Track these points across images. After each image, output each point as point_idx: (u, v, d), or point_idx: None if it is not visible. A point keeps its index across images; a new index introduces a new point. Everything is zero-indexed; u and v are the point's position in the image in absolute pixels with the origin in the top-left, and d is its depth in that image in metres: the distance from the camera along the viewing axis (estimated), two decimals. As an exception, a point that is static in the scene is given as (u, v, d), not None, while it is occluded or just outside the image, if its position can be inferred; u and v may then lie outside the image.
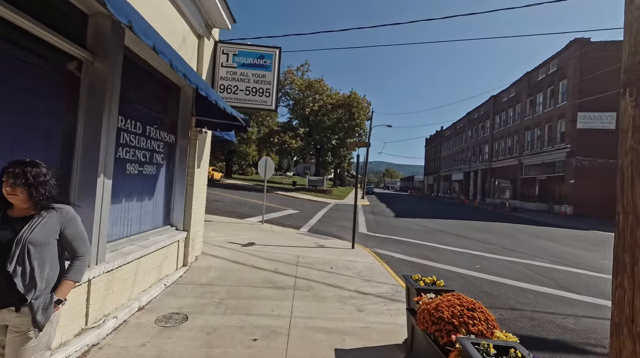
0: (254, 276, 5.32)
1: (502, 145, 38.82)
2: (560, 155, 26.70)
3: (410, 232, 12.78)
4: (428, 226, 15.10)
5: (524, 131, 33.54)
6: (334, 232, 11.47)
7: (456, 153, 56.96)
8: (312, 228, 11.91)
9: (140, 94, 4.36)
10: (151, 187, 4.76)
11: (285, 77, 31.39)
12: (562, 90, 27.76)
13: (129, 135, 4.06)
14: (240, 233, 8.94)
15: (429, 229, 13.99)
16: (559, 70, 28.14)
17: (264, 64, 6.10)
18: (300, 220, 13.88)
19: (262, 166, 11.54)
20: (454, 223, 16.85)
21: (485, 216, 22.99)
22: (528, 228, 16.80)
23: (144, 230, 4.57)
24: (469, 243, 10.94)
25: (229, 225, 10.27)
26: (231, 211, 14.27)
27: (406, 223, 15.94)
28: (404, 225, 14.89)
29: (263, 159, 11.60)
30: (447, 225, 15.83)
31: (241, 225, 10.78)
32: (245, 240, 8.02)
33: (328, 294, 4.78)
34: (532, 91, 32.46)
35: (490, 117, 42.54)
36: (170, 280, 4.74)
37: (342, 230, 12.27)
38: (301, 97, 30.94)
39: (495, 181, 40.36)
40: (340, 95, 33.33)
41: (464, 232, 13.57)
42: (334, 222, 14.18)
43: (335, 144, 33.17)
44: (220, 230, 9.21)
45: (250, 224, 11.14)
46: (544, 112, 30.11)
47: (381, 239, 10.80)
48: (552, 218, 23.54)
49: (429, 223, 16.19)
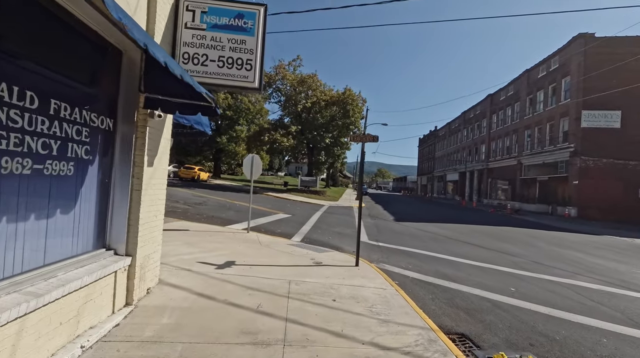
0: (226, 321, 3.73)
1: (500, 145, 37.83)
2: (564, 155, 25.65)
3: (417, 240, 11.32)
4: (434, 232, 13.67)
5: (523, 130, 32.53)
6: (332, 242, 9.94)
7: (451, 153, 56.03)
8: (306, 237, 10.35)
9: (46, 52, 2.75)
10: (67, 193, 3.14)
11: (276, 72, 29.76)
12: (564, 87, 26.74)
13: (11, 111, 2.44)
14: (219, 247, 7.32)
15: (436, 236, 12.55)
16: (562, 67, 27.12)
17: (244, 26, 4.53)
18: (292, 226, 12.30)
19: (247, 165, 9.93)
20: (460, 229, 15.47)
21: (489, 219, 21.73)
22: (541, 233, 15.52)
23: (51, 262, 2.95)
24: (488, 255, 9.51)
25: (207, 236, 8.64)
26: (214, 216, 12.61)
27: (409, 228, 14.48)
28: (407, 231, 13.42)
29: (248, 157, 9.99)
30: (453, 231, 14.43)
31: (223, 234, 9.14)
32: (223, 257, 6.42)
33: (334, 354, 3.22)
34: (532, 89, 31.45)
35: (487, 116, 41.57)
36: (95, 335, 3.12)
37: (340, 238, 10.75)
38: (293, 93, 29.33)
39: (492, 182, 39.35)
40: (334, 92, 31.84)
41: (476, 240, 12.16)
42: (330, 229, 12.64)
43: (328, 142, 31.65)
44: (196, 242, 7.58)
45: (234, 233, 9.52)
46: (545, 111, 29.09)
47: (387, 250, 9.29)
48: (557, 221, 22.42)
49: (434, 229, 14.77)
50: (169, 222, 10.26)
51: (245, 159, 9.95)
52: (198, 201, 16.36)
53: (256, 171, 10.12)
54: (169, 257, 5.86)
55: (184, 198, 17.01)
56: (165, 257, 5.48)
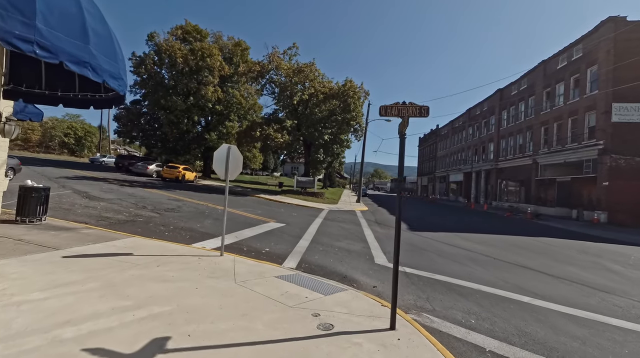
0: None
1: (511, 143, 35.17)
2: (590, 153, 22.98)
3: (452, 262, 8.46)
4: (464, 247, 10.82)
5: (539, 127, 29.85)
6: (339, 268, 7.06)
7: (454, 152, 53.40)
8: (304, 261, 7.44)
9: None
10: None
11: (269, 60, 26.77)
12: (590, 78, 24.08)
13: None
14: (158, 296, 4.38)
15: (471, 254, 9.69)
16: (587, 55, 24.45)
17: None
18: (285, 241, 9.38)
19: (220, 159, 6.98)
20: (491, 241, 12.66)
21: (513, 226, 18.95)
22: (589, 247, 12.74)
23: None
24: (566, 290, 6.65)
25: (154, 266, 5.69)
26: (183, 228, 9.64)
27: (431, 241, 11.62)
28: (431, 246, 10.56)
29: (222, 148, 7.03)
30: (486, 244, 11.60)
31: (181, 261, 6.19)
32: (149, 328, 3.48)
33: None
34: (550, 81, 28.79)
35: (495, 112, 38.91)
36: None
37: (349, 259, 7.88)
38: (288, 84, 26.36)
39: (502, 183, 36.70)
40: (334, 85, 28.93)
41: (525, 259, 9.32)
42: (334, 243, 9.74)
43: (327, 139, 28.71)
44: (123, 285, 4.64)
45: (199, 258, 6.56)
46: (566, 105, 26.42)
47: (421, 282, 6.42)
48: (588, 227, 19.71)
49: (461, 241, 11.93)
50: (115, 238, 7.32)
51: (217, 152, 6.99)
52: (171, 206, 13.38)
53: (234, 168, 7.18)
54: (19, 338, 2.90)
55: (156, 202, 14.02)
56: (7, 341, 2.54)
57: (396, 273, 4.22)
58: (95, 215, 10.10)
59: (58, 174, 21.90)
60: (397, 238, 4.29)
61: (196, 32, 36.02)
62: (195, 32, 36.01)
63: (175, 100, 32.40)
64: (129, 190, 17.46)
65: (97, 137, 75.38)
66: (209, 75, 33.92)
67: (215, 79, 34.47)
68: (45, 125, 73.42)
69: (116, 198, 13.68)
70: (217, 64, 33.89)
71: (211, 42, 37.36)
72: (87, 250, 6.31)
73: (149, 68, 33.69)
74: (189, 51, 33.46)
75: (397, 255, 4.25)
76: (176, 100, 32.38)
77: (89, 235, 7.59)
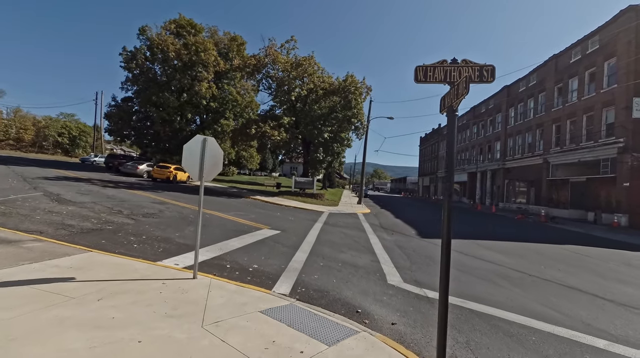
0: None
1: (520, 142, 33.69)
2: (608, 152, 21.49)
3: (481, 280, 6.96)
4: (489, 259, 9.31)
5: (550, 124, 28.36)
6: (344, 293, 5.58)
7: (458, 152, 51.88)
8: (300, 283, 5.93)
9: None
10: None
11: (266, 54, 25.22)
12: (607, 72, 22.60)
13: None
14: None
15: (500, 269, 8.18)
16: (604, 47, 22.97)
17: None
18: (278, 253, 7.86)
19: (191, 154, 5.45)
20: (517, 250, 11.16)
21: (531, 231, 17.48)
22: (629, 257, 11.23)
23: None
24: None
25: (96, 293, 4.16)
26: (158, 238, 8.12)
27: (448, 251, 10.10)
28: (452, 258, 9.00)
29: (195, 141, 5.49)
30: (512, 255, 10.10)
31: (134, 291, 4.66)
32: None
33: None
34: (562, 76, 27.30)
35: (502, 110, 37.42)
36: None
37: (355, 278, 6.40)
38: (286, 78, 24.79)
39: (510, 183, 35.21)
40: (334, 80, 27.38)
41: (567, 276, 7.80)
42: (337, 256, 8.22)
43: (327, 137, 27.16)
44: (34, 333, 3.11)
45: (163, 283, 5.03)
46: (580, 101, 24.93)
47: (452, 314, 4.89)
48: (609, 231, 18.23)
49: (482, 251, 10.42)
50: (64, 255, 5.80)
51: (189, 145, 5.45)
52: (151, 211, 11.84)
53: (211, 166, 5.66)
54: None
55: (136, 206, 12.50)
56: None
57: (443, 341, 2.71)
58: (56, 223, 8.57)
59: (39, 174, 20.36)
60: (443, 282, 2.79)
61: (190, 27, 34.48)
62: (190, 27, 34.47)
63: (167, 96, 30.86)
64: (111, 191, 15.93)
65: (92, 136, 73.65)
66: (203, 71, 32.39)
67: (210, 74, 32.95)
68: (38, 124, 71.94)
69: (90, 202, 12.15)
70: (212, 59, 32.37)
71: (206, 37, 35.84)
72: (13, 274, 4.78)
73: (140, 63, 32.15)
74: (182, 46, 31.91)
75: (444, 316, 2.75)
76: (168, 97, 30.84)
77: (32, 250, 6.06)
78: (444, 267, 2.95)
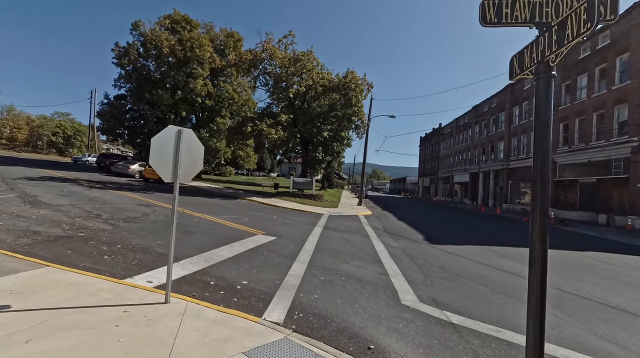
0: None
1: (524, 141, 32.75)
2: (621, 152, 20.55)
3: (512, 300, 5.95)
4: (510, 270, 8.31)
5: (557, 123, 27.42)
6: (351, 317, 4.59)
7: (459, 152, 51.00)
8: (297, 305, 4.91)
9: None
10: None
11: (263, 49, 24.17)
12: (620, 68, 21.67)
13: None
14: None
15: (523, 286, 7.15)
16: (616, 42, 22.04)
17: None
18: (272, 265, 6.83)
19: (161, 149, 4.39)
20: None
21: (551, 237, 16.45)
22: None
23: None
24: None
25: (28, 330, 3.11)
26: (135, 247, 7.07)
27: (463, 260, 9.11)
28: (467, 269, 8.03)
29: (167, 132, 4.43)
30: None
31: (84, 324, 3.62)
32: None
33: None
34: (570, 73, 26.37)
35: (506, 108, 36.49)
36: None
37: (363, 297, 5.36)
38: (284, 74, 23.74)
39: (514, 184, 34.27)
40: (334, 77, 26.34)
41: (608, 294, 6.80)
42: (340, 268, 7.19)
43: (327, 136, 26.13)
44: None
45: (125, 311, 3.99)
46: (590, 98, 23.99)
47: (487, 350, 3.87)
48: (625, 235, 17.28)
49: (500, 261, 9.42)
50: (12, 271, 4.74)
51: (158, 138, 4.38)
52: (134, 215, 10.78)
53: (189, 165, 4.63)
54: None
55: (118, 209, 11.44)
56: None
57: None
58: (20, 230, 7.51)
59: (21, 174, 19.28)
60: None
61: (185, 22, 33.39)
62: (185, 22, 33.38)
63: (161, 94, 29.78)
64: (96, 193, 14.88)
65: (87, 136, 72.45)
66: (199, 68, 31.32)
67: (206, 71, 31.88)
68: (32, 123, 70.65)
69: (68, 204, 11.09)
70: (208, 56, 31.30)
71: (202, 33, 34.76)
72: None
73: (133, 59, 31.05)
74: (177, 41, 30.83)
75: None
76: (162, 94, 29.76)
77: (-28, 266, 5.02)
78: (537, 319, 1.92)
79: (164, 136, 4.39)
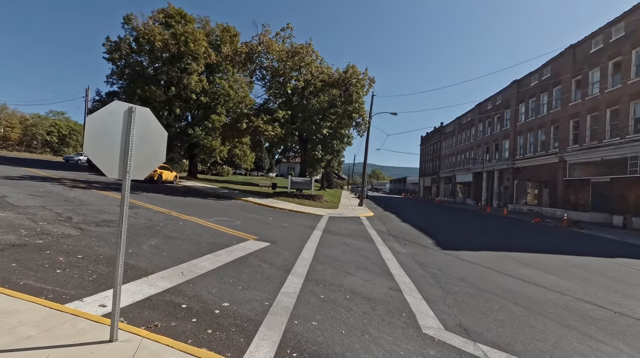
0: None
1: (531, 139, 31.61)
2: (638, 149, 19.42)
3: (553, 323, 4.80)
4: (538, 282, 7.16)
5: (567, 120, 26.29)
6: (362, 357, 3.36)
7: (462, 151, 49.87)
8: (290, 337, 3.75)
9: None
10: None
11: (259, 42, 22.98)
12: (636, 61, 20.54)
13: None
14: None
15: (565, 300, 6.03)
16: (631, 34, 20.91)
17: None
18: (262, 280, 5.66)
19: (103, 130, 3.22)
20: (561, 266, 9.02)
21: (563, 240, 15.39)
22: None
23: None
24: None
25: None
26: (100, 257, 5.90)
27: (482, 269, 7.96)
28: (489, 281, 6.87)
29: (111, 110, 3.27)
30: (563, 276, 7.95)
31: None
32: None
33: None
34: (581, 67, 25.22)
35: (511, 106, 35.35)
36: None
37: (373, 325, 4.15)
38: (281, 68, 22.56)
39: (520, 184, 33.13)
40: (334, 72, 25.17)
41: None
42: (343, 282, 6.03)
43: (326, 134, 24.96)
44: None
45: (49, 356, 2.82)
46: (603, 94, 22.86)
47: None
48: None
49: (524, 270, 8.27)
50: None
51: (96, 117, 3.21)
52: (111, 217, 9.60)
53: (146, 156, 3.47)
54: None
55: (96, 210, 10.27)
56: None
57: None
58: (-37, 236, 6.33)
59: (1, 173, 18.09)
60: None
61: (180, 17, 32.17)
62: (179, 17, 32.16)
63: (154, 90, 28.56)
64: (75, 193, 13.69)
65: (82, 135, 71.01)
66: (193, 63, 30.13)
67: (201, 67, 30.69)
68: (26, 122, 69.33)
69: (38, 206, 9.91)
70: (202, 51, 30.11)
71: (198, 27, 33.57)
72: None
73: (125, 54, 29.84)
74: (170, 36, 29.63)
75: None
76: (155, 91, 28.55)
77: None
78: None
79: (105, 115, 3.22)
